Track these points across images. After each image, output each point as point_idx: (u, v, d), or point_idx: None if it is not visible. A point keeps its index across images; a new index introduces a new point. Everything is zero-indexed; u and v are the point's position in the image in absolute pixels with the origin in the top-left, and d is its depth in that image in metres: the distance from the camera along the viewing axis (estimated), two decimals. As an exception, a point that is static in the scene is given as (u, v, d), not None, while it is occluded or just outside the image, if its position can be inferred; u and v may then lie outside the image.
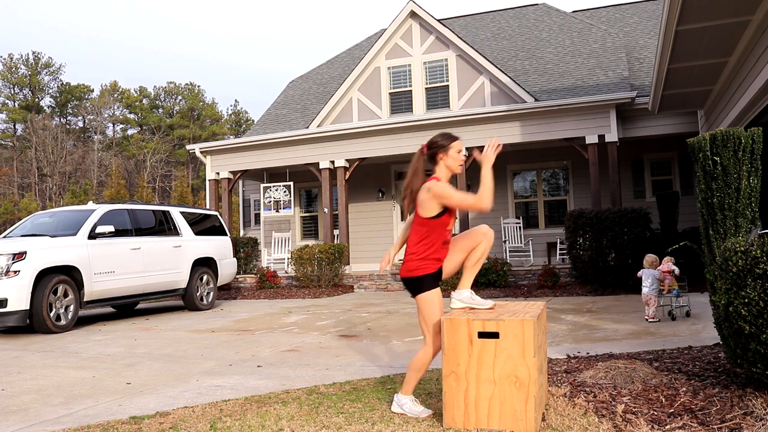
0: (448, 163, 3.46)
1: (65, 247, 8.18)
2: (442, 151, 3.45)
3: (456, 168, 3.47)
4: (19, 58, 56.50)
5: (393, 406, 3.49)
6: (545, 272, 11.28)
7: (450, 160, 3.45)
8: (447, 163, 3.46)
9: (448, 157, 3.45)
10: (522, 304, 3.65)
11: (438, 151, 3.46)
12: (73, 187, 47.73)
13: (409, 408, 3.42)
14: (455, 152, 3.46)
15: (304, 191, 16.86)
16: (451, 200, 3.32)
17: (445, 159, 3.46)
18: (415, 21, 15.00)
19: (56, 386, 4.64)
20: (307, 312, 9.30)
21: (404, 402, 3.44)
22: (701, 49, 7.16)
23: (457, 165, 3.47)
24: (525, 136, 12.38)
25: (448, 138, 3.48)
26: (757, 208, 4.28)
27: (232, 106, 77.77)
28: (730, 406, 3.23)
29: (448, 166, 3.46)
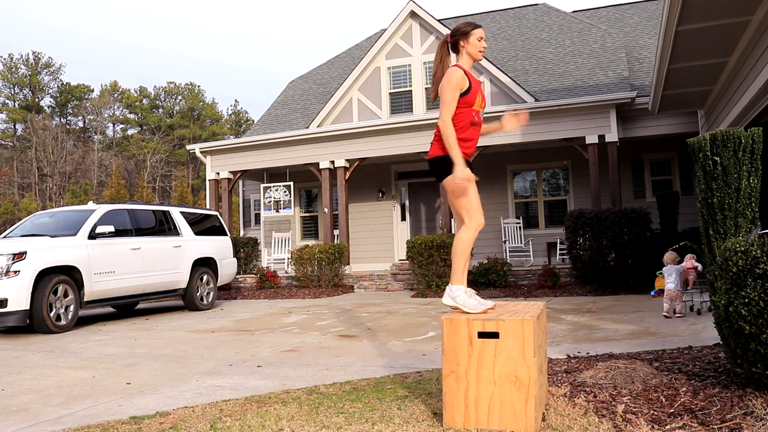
0: (469, 50, 3.54)
1: (65, 247, 8.18)
2: (463, 38, 3.54)
3: (477, 55, 3.55)
4: (19, 58, 56.53)
5: (444, 298, 3.36)
6: (545, 272, 11.28)
7: (471, 47, 3.53)
8: (468, 50, 3.54)
9: (469, 44, 3.53)
10: (522, 304, 3.65)
11: (460, 38, 3.55)
12: (73, 187, 47.74)
13: (463, 301, 3.29)
14: (476, 39, 3.53)
15: (304, 191, 16.86)
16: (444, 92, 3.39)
17: (466, 46, 3.54)
18: (415, 21, 15.00)
19: (56, 386, 4.64)
20: (307, 312, 9.30)
21: (457, 294, 3.32)
22: (701, 49, 7.16)
23: (477, 51, 3.54)
24: (525, 136, 12.38)
25: (470, 25, 3.56)
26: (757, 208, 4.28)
27: (232, 106, 77.83)
28: (730, 406, 3.23)
29: (469, 53, 3.54)
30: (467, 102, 3.42)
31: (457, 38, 3.55)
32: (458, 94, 3.39)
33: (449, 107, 3.38)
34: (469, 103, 3.43)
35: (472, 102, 3.44)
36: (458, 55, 3.57)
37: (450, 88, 3.37)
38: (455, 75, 3.39)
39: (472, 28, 3.53)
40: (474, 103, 3.45)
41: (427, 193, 15.36)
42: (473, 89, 3.44)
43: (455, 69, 3.42)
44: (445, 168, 3.40)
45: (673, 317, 6.91)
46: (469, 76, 3.46)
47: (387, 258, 15.35)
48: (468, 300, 3.31)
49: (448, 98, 3.37)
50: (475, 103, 3.45)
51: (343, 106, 15.55)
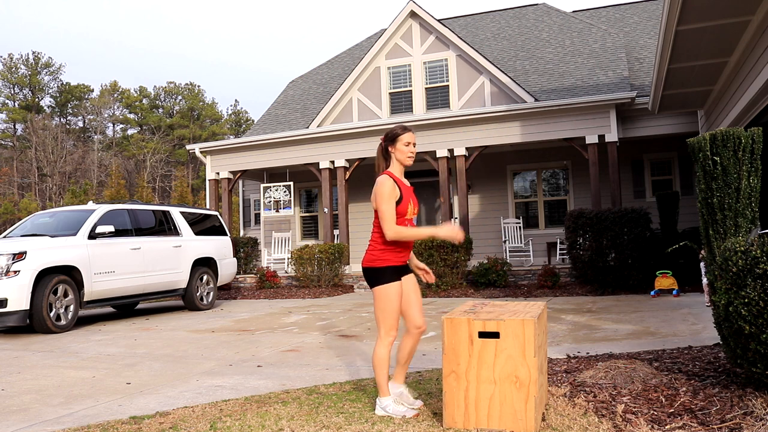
0: (397, 156, 3.48)
1: (65, 247, 8.18)
2: (391, 144, 3.49)
3: (405, 160, 3.48)
4: (19, 58, 56.54)
5: (377, 410, 3.43)
6: (545, 272, 11.28)
7: (398, 153, 3.47)
8: (397, 156, 3.48)
9: (397, 150, 3.47)
10: (522, 304, 3.65)
11: (389, 144, 3.50)
12: (73, 187, 47.74)
13: (393, 409, 3.37)
14: (403, 144, 3.47)
15: (304, 191, 16.86)
16: (380, 207, 3.35)
17: (395, 152, 3.48)
18: (415, 21, 15.00)
19: (56, 386, 4.64)
20: (307, 312, 9.30)
21: (386, 404, 3.39)
22: (701, 49, 7.16)
23: (405, 157, 3.48)
24: (525, 136, 12.39)
25: (399, 129, 3.50)
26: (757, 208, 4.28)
27: (232, 106, 77.81)
28: (730, 406, 3.23)
29: (398, 159, 3.49)
30: (399, 212, 3.37)
31: (386, 144, 3.49)
32: (394, 202, 3.34)
33: (390, 220, 3.32)
34: (401, 213, 3.38)
35: (404, 212, 3.39)
36: (389, 159, 3.51)
37: (384, 200, 3.32)
38: (386, 186, 3.33)
39: (401, 133, 3.46)
40: (406, 212, 3.40)
41: (427, 193, 15.36)
42: (404, 199, 3.38)
43: (385, 179, 3.36)
44: (376, 278, 3.37)
45: None
46: (400, 184, 3.40)
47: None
48: (397, 408, 3.37)
49: (386, 211, 3.32)
50: (407, 213, 3.41)
51: (343, 106, 15.55)
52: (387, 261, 3.36)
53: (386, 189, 3.33)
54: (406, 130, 3.49)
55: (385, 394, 3.39)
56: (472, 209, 14.45)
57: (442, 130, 12.83)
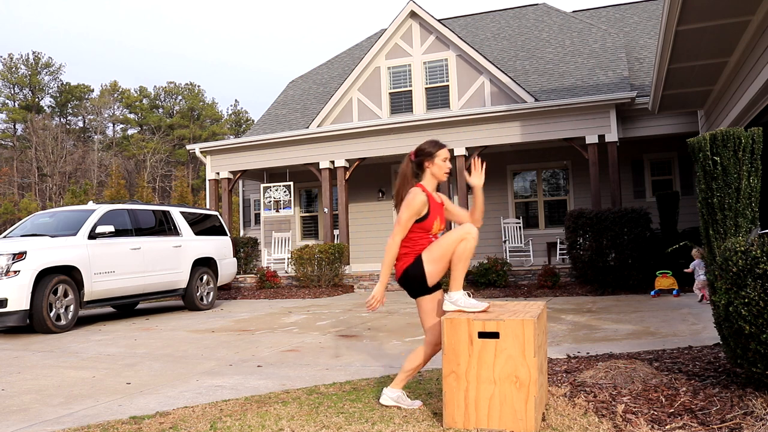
0: (433, 171, 3.49)
1: (65, 247, 8.18)
2: (428, 160, 3.49)
3: (441, 176, 3.51)
4: (19, 58, 56.53)
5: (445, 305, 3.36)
6: (545, 272, 11.28)
7: (435, 168, 3.49)
8: (432, 171, 3.49)
9: (434, 165, 3.48)
10: (522, 304, 3.65)
11: (425, 160, 3.49)
12: (73, 187, 47.74)
13: (464, 302, 3.31)
14: (440, 160, 3.48)
15: (304, 191, 16.86)
16: (401, 213, 3.38)
17: (431, 167, 3.49)
18: (415, 21, 15.00)
19: (56, 386, 4.64)
20: (307, 312, 9.30)
21: (457, 297, 3.33)
22: (701, 49, 7.16)
23: (442, 173, 3.50)
24: (525, 136, 12.38)
25: (435, 146, 3.49)
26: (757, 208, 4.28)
27: (232, 106, 77.82)
28: (730, 406, 3.23)
29: (434, 174, 3.50)
30: (424, 228, 3.39)
31: (421, 159, 3.49)
32: (415, 218, 3.36)
33: (402, 228, 3.36)
34: (426, 228, 3.40)
35: (429, 228, 3.41)
36: (422, 173, 3.51)
37: (408, 209, 3.34)
38: (417, 200, 3.34)
39: (438, 149, 3.47)
40: (431, 228, 3.42)
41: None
42: (431, 215, 3.40)
43: (418, 192, 3.37)
44: (411, 280, 3.40)
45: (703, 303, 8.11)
46: (431, 199, 3.43)
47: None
48: (469, 301, 3.35)
49: (404, 219, 3.35)
50: (432, 229, 3.43)
51: (343, 106, 15.55)
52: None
53: (416, 203, 3.35)
54: (442, 146, 3.50)
55: (458, 288, 3.34)
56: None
57: (442, 130, 12.83)
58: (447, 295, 3.43)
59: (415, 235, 3.41)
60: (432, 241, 3.45)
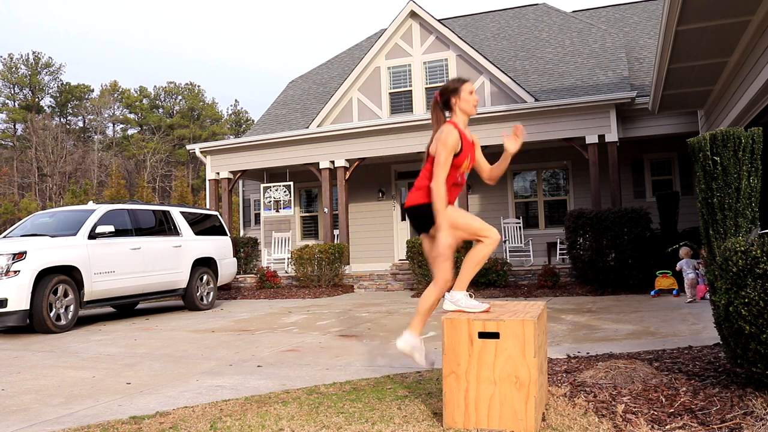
0: (462, 106, 3.50)
1: (65, 247, 8.18)
2: (454, 96, 3.50)
3: (470, 110, 3.51)
4: (19, 58, 56.53)
5: (445, 304, 3.41)
6: (545, 272, 11.27)
7: (463, 103, 3.50)
8: (461, 107, 3.50)
9: (461, 100, 3.49)
10: (522, 304, 3.65)
11: (451, 96, 3.51)
12: (73, 187, 47.73)
13: (465, 303, 3.34)
14: (467, 93, 3.50)
15: (304, 191, 16.86)
16: (439, 154, 3.36)
17: (459, 102, 3.50)
18: (415, 21, 15.00)
19: (56, 386, 4.64)
20: (307, 312, 9.30)
21: (458, 297, 3.38)
22: (701, 49, 7.16)
23: (471, 106, 3.51)
24: (525, 136, 12.36)
25: (459, 81, 3.52)
26: (757, 208, 4.28)
27: (232, 106, 77.81)
28: (730, 406, 3.23)
29: (463, 109, 3.51)
30: (455, 164, 3.41)
31: (447, 96, 3.51)
32: (453, 154, 3.38)
33: (444, 168, 3.36)
34: (457, 164, 3.42)
35: (460, 164, 3.43)
36: (451, 113, 3.52)
37: (446, 149, 3.35)
38: (452, 137, 3.35)
39: (462, 84, 3.50)
40: (462, 165, 3.44)
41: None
42: (464, 152, 3.42)
43: (452, 129, 3.37)
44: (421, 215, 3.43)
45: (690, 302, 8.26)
46: (463, 137, 3.43)
47: (387, 258, 15.35)
48: (470, 301, 3.36)
49: (443, 158, 3.35)
50: (462, 166, 3.45)
51: (343, 106, 15.54)
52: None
53: (451, 139, 3.35)
54: (466, 80, 3.53)
55: (461, 288, 3.42)
56: (473, 209, 14.44)
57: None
58: (448, 294, 3.43)
59: None
60: (457, 179, 3.46)
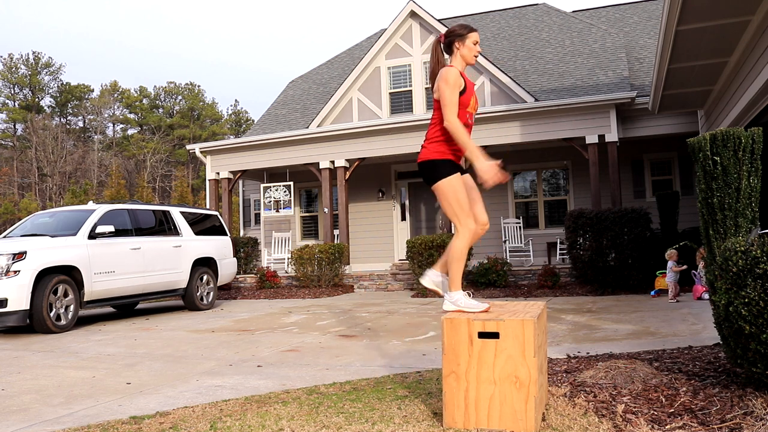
0: (463, 52, 3.52)
1: (65, 247, 8.18)
2: (459, 40, 3.52)
3: (471, 59, 3.54)
4: (19, 58, 56.52)
5: (445, 304, 3.40)
6: (545, 272, 11.28)
7: (465, 50, 3.52)
8: (462, 53, 3.52)
9: (464, 47, 3.52)
10: (522, 304, 3.65)
11: (455, 40, 3.53)
12: (73, 187, 47.73)
13: (464, 303, 3.34)
14: (471, 42, 3.52)
15: (304, 191, 16.86)
16: (443, 92, 3.35)
17: (461, 48, 3.52)
18: (415, 21, 15.00)
19: (56, 386, 4.64)
20: (307, 312, 9.30)
21: (457, 297, 3.37)
22: (701, 49, 7.16)
23: (471, 55, 3.54)
24: (525, 136, 12.38)
25: (466, 28, 3.54)
26: (757, 208, 4.28)
27: (232, 106, 77.80)
28: (730, 406, 3.23)
29: (463, 56, 3.53)
30: (462, 103, 3.41)
31: (452, 39, 3.53)
32: (458, 92, 3.38)
33: (452, 106, 3.35)
34: (464, 104, 3.42)
35: (467, 103, 3.43)
36: (451, 57, 3.56)
37: (449, 87, 3.35)
38: (452, 73, 3.37)
39: (468, 31, 3.52)
40: (468, 104, 3.44)
41: (427, 193, 15.36)
42: (468, 90, 3.44)
43: (450, 68, 3.40)
44: (436, 172, 3.40)
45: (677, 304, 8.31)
46: (464, 77, 3.46)
47: (387, 258, 15.35)
48: (469, 301, 3.36)
49: (449, 97, 3.35)
50: (469, 105, 3.45)
51: (343, 106, 15.54)
52: (446, 154, 3.41)
53: (452, 76, 3.36)
54: (473, 29, 3.54)
55: (457, 288, 3.40)
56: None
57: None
58: (447, 294, 3.43)
59: None
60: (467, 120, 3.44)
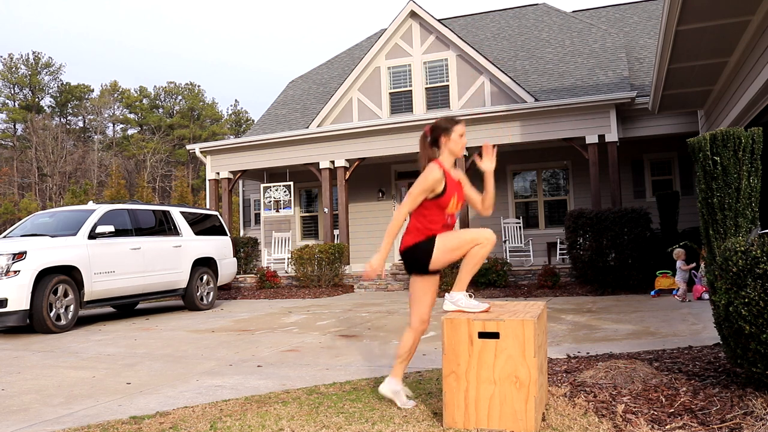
0: (450, 147, 3.48)
1: (65, 247, 8.17)
2: (444, 135, 3.48)
3: (458, 152, 3.50)
4: (19, 58, 56.51)
5: (445, 304, 3.40)
6: (545, 272, 11.27)
7: (452, 143, 3.48)
8: (450, 147, 3.49)
9: (450, 141, 3.48)
10: (522, 304, 3.65)
11: (440, 135, 3.49)
12: (73, 187, 47.73)
13: (465, 303, 3.34)
14: (457, 136, 3.48)
15: (304, 191, 16.86)
16: (414, 185, 3.38)
17: (447, 143, 3.48)
18: (415, 21, 15.00)
19: (56, 386, 4.64)
20: (307, 312, 9.30)
21: (458, 297, 3.36)
22: (701, 49, 7.16)
23: (458, 149, 3.49)
24: (525, 136, 12.38)
25: (451, 121, 3.50)
26: (757, 208, 4.28)
27: (232, 106, 77.79)
28: (730, 406, 3.23)
29: (451, 150, 3.49)
30: (440, 204, 3.37)
31: (437, 134, 3.49)
32: (426, 194, 3.36)
33: (411, 201, 3.36)
34: (442, 205, 3.38)
35: (446, 205, 3.38)
36: (439, 150, 3.51)
37: (420, 185, 3.34)
38: (431, 176, 3.32)
39: (454, 124, 3.48)
40: (448, 206, 3.39)
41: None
42: (448, 191, 3.37)
43: (435, 168, 3.34)
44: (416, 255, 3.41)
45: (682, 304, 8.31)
46: (448, 176, 3.40)
47: (387, 258, 15.33)
48: (470, 301, 3.36)
49: (415, 192, 3.35)
50: (449, 206, 3.40)
51: (343, 106, 15.54)
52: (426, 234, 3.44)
53: (430, 178, 3.33)
54: (459, 121, 3.51)
55: (461, 289, 3.41)
56: (473, 209, 14.42)
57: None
58: (448, 294, 3.43)
59: (430, 212, 3.38)
60: (446, 221, 3.43)
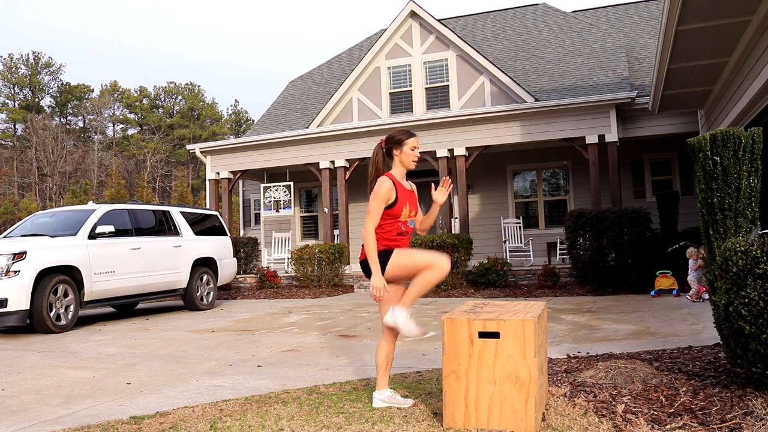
0: (402, 158, 3.57)
1: (65, 247, 8.17)
2: (397, 147, 3.56)
3: (409, 164, 3.58)
4: (19, 58, 56.51)
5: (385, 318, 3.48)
6: (545, 272, 11.27)
7: (403, 156, 3.56)
8: (401, 159, 3.57)
9: (402, 153, 3.56)
10: (522, 304, 3.65)
11: (393, 147, 3.58)
12: (73, 187, 47.73)
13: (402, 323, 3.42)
14: (409, 149, 3.55)
15: (304, 191, 16.86)
16: (370, 202, 3.45)
17: (399, 155, 3.56)
18: (415, 21, 15.00)
19: (56, 386, 4.64)
20: (307, 312, 9.30)
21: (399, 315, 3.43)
22: (701, 49, 7.16)
23: (410, 161, 3.57)
24: (525, 136, 12.38)
25: (405, 134, 3.58)
26: (757, 208, 4.28)
27: (232, 106, 77.79)
28: (730, 406, 3.23)
29: (402, 161, 3.57)
30: (392, 214, 3.45)
31: (390, 146, 3.57)
32: (384, 205, 3.42)
33: (373, 216, 3.42)
34: (395, 215, 3.45)
35: (398, 214, 3.46)
36: (391, 161, 3.59)
37: (376, 198, 3.42)
38: (383, 187, 3.41)
39: (407, 137, 3.55)
40: (400, 214, 3.47)
41: (426, 194, 15.35)
42: (399, 201, 3.45)
43: (385, 181, 3.43)
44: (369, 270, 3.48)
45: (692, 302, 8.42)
46: (398, 186, 3.48)
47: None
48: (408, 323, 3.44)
49: (373, 207, 3.42)
50: (401, 215, 3.47)
51: (343, 106, 15.54)
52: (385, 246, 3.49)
53: (382, 189, 3.42)
54: (412, 135, 3.58)
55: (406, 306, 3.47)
56: (472, 209, 14.45)
57: (442, 130, 12.84)
58: (393, 309, 3.46)
59: (384, 221, 3.47)
60: (401, 229, 3.49)
